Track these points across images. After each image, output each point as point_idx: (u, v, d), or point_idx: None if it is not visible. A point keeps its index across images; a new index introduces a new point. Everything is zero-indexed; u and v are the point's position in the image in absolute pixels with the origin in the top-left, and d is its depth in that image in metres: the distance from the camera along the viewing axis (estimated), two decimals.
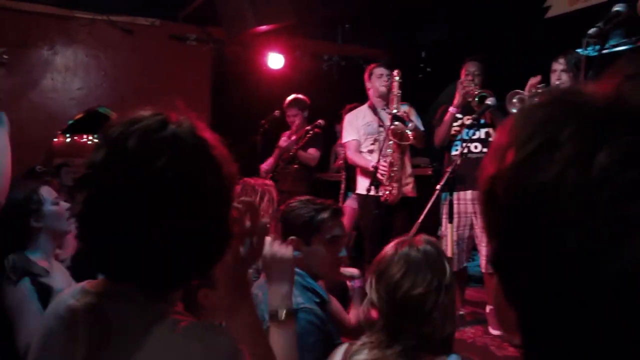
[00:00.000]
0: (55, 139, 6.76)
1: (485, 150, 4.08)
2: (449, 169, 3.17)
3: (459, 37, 6.07)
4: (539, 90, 3.57)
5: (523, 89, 3.72)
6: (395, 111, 3.96)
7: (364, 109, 4.40)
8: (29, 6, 5.21)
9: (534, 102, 0.51)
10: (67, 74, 5.54)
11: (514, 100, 3.63)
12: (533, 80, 3.64)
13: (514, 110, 3.50)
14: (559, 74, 3.64)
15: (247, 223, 1.08)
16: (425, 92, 6.03)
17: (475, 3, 5.69)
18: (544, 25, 4.94)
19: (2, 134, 1.95)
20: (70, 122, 5.89)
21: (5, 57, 5.14)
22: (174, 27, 5.82)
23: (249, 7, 4.87)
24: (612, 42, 5.08)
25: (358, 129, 4.31)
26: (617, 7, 2.41)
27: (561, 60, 3.62)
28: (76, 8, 5.41)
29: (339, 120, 4.90)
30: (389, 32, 6.41)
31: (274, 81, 5.86)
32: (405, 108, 4.13)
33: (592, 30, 2.38)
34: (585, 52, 2.81)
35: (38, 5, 5.26)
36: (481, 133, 4.12)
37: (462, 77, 4.17)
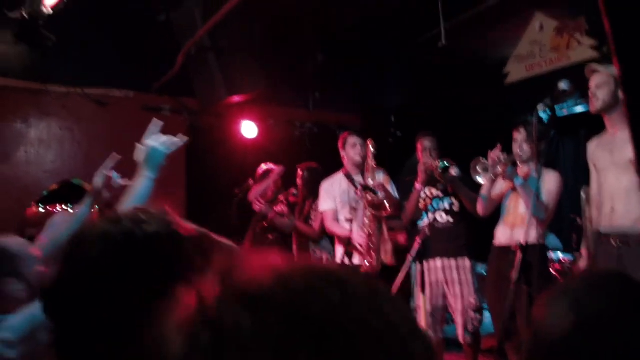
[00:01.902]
0: (28, 210, 6.68)
1: (450, 219, 4.21)
2: (418, 239, 3.25)
3: (424, 100, 6.31)
4: (501, 159, 3.72)
5: (485, 154, 3.88)
6: (370, 181, 4.06)
7: (339, 177, 4.47)
8: (2, 80, 5.28)
9: None
10: (40, 147, 5.56)
11: (478, 169, 3.76)
12: (494, 151, 3.80)
13: (478, 178, 3.64)
14: (521, 144, 3.81)
15: None
16: (397, 155, 6.20)
17: (438, 67, 5.97)
18: (504, 90, 5.19)
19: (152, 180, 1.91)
20: (45, 193, 5.85)
21: None
22: (148, 98, 5.93)
23: (222, 78, 5.02)
24: (569, 104, 5.37)
25: (334, 197, 4.38)
26: (563, 86, 2.61)
27: (522, 131, 3.80)
28: (50, 82, 5.49)
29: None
30: (358, 98, 6.62)
31: (248, 149, 5.96)
32: (380, 176, 4.23)
33: (540, 105, 2.56)
34: (541, 116, 2.98)
35: (11, 80, 5.33)
36: (445, 203, 4.26)
37: (419, 154, 4.36)
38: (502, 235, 3.90)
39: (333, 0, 5.05)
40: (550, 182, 3.66)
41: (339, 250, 4.24)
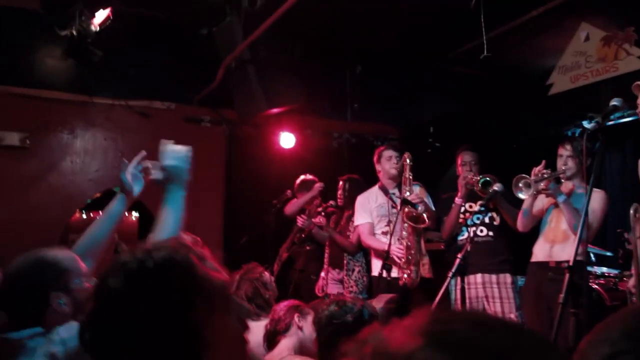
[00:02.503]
0: (72, 216, 6.89)
1: (490, 233, 4.13)
2: (459, 255, 3.19)
3: (464, 111, 6.23)
4: (545, 175, 3.64)
5: (527, 167, 3.79)
6: (407, 194, 4.02)
7: (375, 191, 4.46)
8: (50, 93, 5.46)
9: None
10: (85, 157, 5.72)
11: (520, 185, 3.69)
12: (538, 167, 3.71)
13: (520, 194, 3.56)
14: (565, 159, 3.71)
15: None
16: (435, 167, 6.13)
17: (479, 78, 5.89)
18: (547, 101, 5.07)
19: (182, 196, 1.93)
20: (88, 201, 6.03)
21: (28, 142, 5.36)
22: (189, 110, 6.04)
23: (261, 91, 5.07)
24: (617, 115, 5.21)
25: (370, 211, 4.36)
26: (615, 102, 2.53)
27: (568, 147, 3.70)
28: (95, 94, 5.66)
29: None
30: (396, 109, 6.59)
31: (286, 160, 6.00)
32: (417, 189, 4.19)
33: (590, 126, 2.50)
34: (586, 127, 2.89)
35: (59, 92, 5.52)
36: (486, 217, 4.18)
37: (459, 168, 4.29)
38: (540, 251, 3.80)
39: (372, 13, 5.05)
40: (595, 201, 3.53)
41: (377, 264, 4.21)
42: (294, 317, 2.60)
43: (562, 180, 3.75)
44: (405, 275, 3.96)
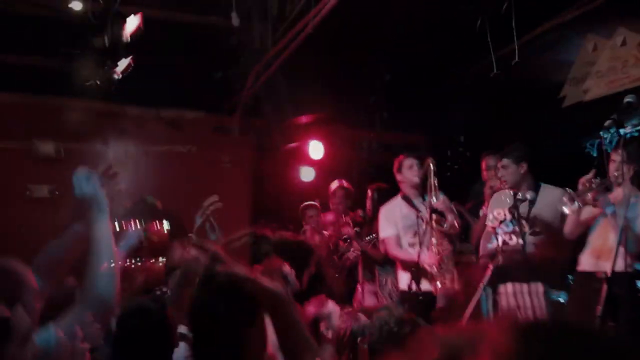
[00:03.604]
0: None
1: (520, 241, 4.00)
2: (491, 265, 3.09)
3: (494, 121, 6.13)
4: (593, 186, 3.50)
5: (557, 175, 3.69)
6: (434, 200, 3.94)
7: (398, 202, 4.35)
8: (82, 103, 5.57)
9: None
10: (117, 166, 5.79)
11: (564, 199, 3.56)
12: (587, 176, 3.58)
13: (565, 209, 3.43)
14: (619, 165, 3.56)
15: None
16: (465, 176, 6.02)
17: (510, 87, 5.80)
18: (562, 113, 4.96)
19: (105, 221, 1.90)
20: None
21: (62, 151, 5.48)
22: (219, 119, 6.09)
23: (290, 99, 5.09)
24: (633, 122, 5.04)
25: (396, 223, 4.26)
26: (628, 99, 2.47)
27: (620, 151, 3.55)
28: (127, 104, 5.75)
29: None
30: (425, 118, 6.52)
31: (315, 169, 5.99)
32: (441, 196, 4.11)
33: (607, 122, 2.44)
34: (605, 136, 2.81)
35: (92, 102, 5.62)
36: (515, 226, 4.06)
37: (484, 173, 4.19)
38: (587, 261, 3.67)
39: (400, 23, 5.03)
40: None
41: (404, 276, 4.12)
42: (321, 330, 2.51)
43: (613, 188, 3.61)
44: (439, 284, 3.86)
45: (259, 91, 5.37)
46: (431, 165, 4.08)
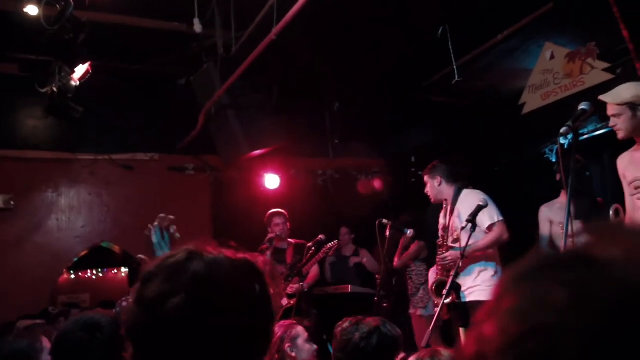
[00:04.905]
0: (60, 277, 6.81)
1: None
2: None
3: (443, 139, 6.35)
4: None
5: (509, 188, 3.83)
6: None
7: None
8: (33, 153, 5.49)
9: None
10: (71, 214, 5.71)
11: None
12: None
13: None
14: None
15: None
16: (420, 196, 6.18)
17: (455, 104, 6.03)
18: (521, 122, 5.20)
19: None
20: (75, 259, 5.97)
21: (12, 203, 5.35)
22: (172, 159, 6.09)
23: (242, 134, 5.14)
24: (590, 128, 5.34)
25: None
26: (582, 106, 2.61)
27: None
28: (78, 151, 5.69)
29: None
30: (377, 142, 6.69)
31: (271, 201, 6.02)
32: None
33: (563, 129, 2.55)
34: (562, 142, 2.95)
35: (42, 152, 5.55)
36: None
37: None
38: None
39: (347, 50, 5.19)
40: None
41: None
42: (285, 348, 2.55)
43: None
44: None
45: (212, 128, 5.41)
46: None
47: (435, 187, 4.01)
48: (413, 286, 5.09)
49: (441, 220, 3.97)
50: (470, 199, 3.75)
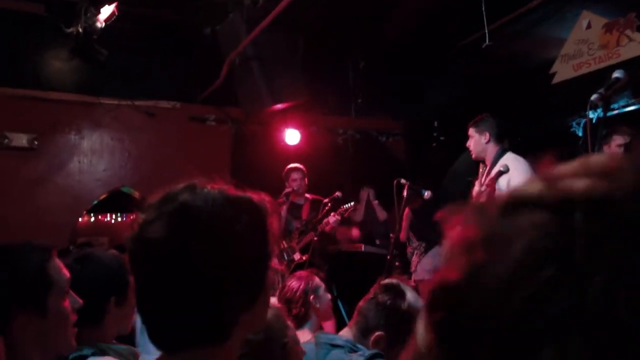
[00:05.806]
0: (80, 219, 6.95)
1: None
2: None
3: (468, 105, 6.23)
4: None
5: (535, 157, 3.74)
6: None
7: None
8: (58, 95, 5.52)
9: None
10: (93, 157, 5.77)
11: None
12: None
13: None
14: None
15: None
16: (440, 160, 6.14)
17: (482, 71, 5.89)
18: (551, 91, 5.07)
19: None
20: (95, 202, 6.07)
21: (36, 143, 5.42)
22: (194, 108, 6.09)
23: (265, 87, 5.11)
24: (621, 103, 5.20)
25: None
26: (616, 74, 2.50)
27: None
28: (102, 95, 5.71)
29: None
30: (400, 104, 6.60)
31: (291, 157, 6.02)
32: None
33: (594, 97, 2.43)
34: (591, 116, 2.88)
35: (66, 94, 5.58)
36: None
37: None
38: None
39: (374, 8, 5.08)
40: None
41: None
42: (311, 300, 2.55)
43: None
44: None
45: (235, 80, 5.38)
46: None
47: (481, 143, 3.62)
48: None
49: (476, 188, 3.62)
50: (517, 166, 3.41)
